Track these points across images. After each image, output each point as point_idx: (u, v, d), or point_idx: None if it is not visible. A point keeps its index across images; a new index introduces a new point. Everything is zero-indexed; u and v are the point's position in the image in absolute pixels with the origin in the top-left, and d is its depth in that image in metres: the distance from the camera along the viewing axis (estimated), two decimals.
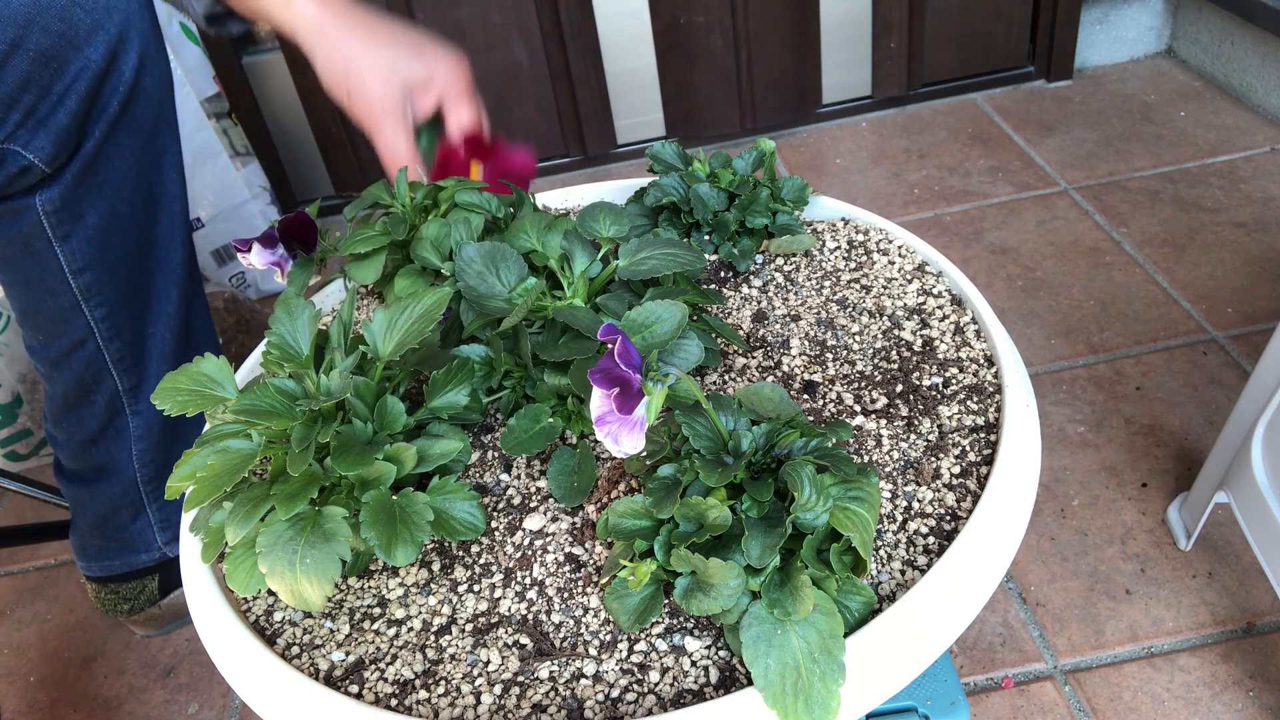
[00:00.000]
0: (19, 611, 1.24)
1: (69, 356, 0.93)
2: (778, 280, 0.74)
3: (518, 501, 0.59)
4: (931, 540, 0.53)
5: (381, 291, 0.73)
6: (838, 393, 0.63)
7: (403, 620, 0.54)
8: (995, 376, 0.62)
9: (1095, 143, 1.77)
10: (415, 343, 0.53)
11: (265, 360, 0.55)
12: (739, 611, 0.46)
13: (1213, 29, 1.87)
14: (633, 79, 1.87)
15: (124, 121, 0.86)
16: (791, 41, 1.85)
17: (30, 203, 0.83)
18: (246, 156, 1.69)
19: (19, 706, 1.12)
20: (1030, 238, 1.57)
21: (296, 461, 0.48)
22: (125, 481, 1.01)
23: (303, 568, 0.47)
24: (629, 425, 0.46)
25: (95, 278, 0.89)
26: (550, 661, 0.50)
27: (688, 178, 0.76)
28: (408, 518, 0.50)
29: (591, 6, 1.77)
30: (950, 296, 0.70)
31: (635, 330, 0.55)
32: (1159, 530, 1.09)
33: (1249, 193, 1.59)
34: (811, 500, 0.46)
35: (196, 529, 0.54)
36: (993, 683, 0.97)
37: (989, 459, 0.57)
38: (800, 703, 0.44)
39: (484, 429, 0.64)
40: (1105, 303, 1.42)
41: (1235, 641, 0.97)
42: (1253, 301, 1.38)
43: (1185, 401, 1.24)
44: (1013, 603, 1.04)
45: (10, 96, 0.75)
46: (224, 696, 1.09)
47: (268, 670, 0.51)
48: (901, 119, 1.94)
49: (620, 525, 0.49)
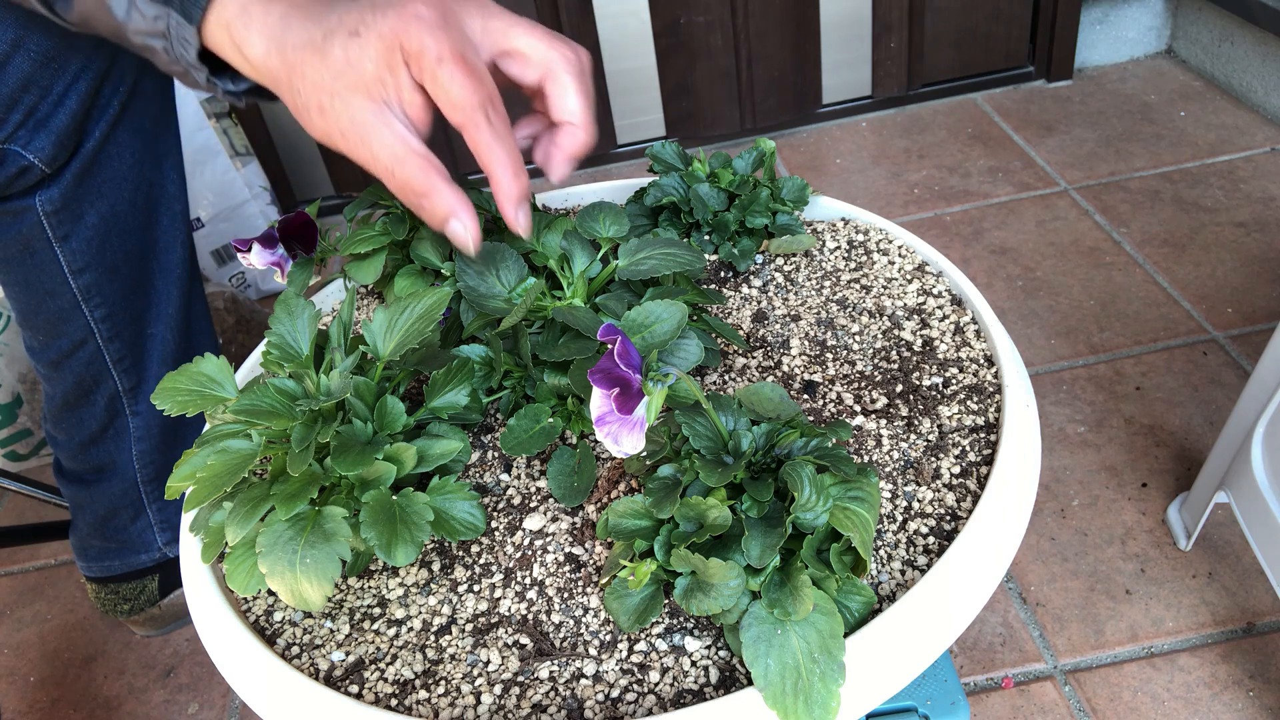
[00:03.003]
0: (19, 611, 1.24)
1: (69, 357, 0.93)
2: (778, 280, 0.74)
3: (518, 501, 0.59)
4: (931, 540, 0.53)
5: (381, 291, 0.73)
6: (838, 393, 0.63)
7: (403, 620, 0.54)
8: (995, 376, 0.62)
9: (1095, 143, 1.77)
10: (415, 343, 0.53)
11: (265, 360, 0.55)
12: (739, 611, 0.46)
13: (1213, 29, 1.87)
14: (633, 79, 1.87)
15: (124, 122, 0.86)
16: (791, 41, 1.85)
17: (30, 203, 0.83)
18: (246, 156, 1.69)
19: (19, 706, 1.12)
20: (1030, 238, 1.57)
21: (296, 461, 0.48)
22: (125, 482, 1.01)
23: (303, 568, 0.47)
24: (629, 425, 0.46)
25: (95, 278, 0.89)
26: (550, 661, 0.50)
27: (688, 178, 0.76)
28: (408, 518, 0.50)
29: (591, 6, 1.77)
30: (950, 296, 0.70)
31: (635, 330, 0.55)
32: (1159, 530, 1.09)
33: (1249, 193, 1.59)
34: (811, 500, 0.46)
35: (196, 529, 0.54)
36: (993, 683, 0.97)
37: (989, 459, 0.57)
38: (800, 703, 0.44)
39: (484, 429, 0.64)
40: (1105, 303, 1.42)
41: (1235, 641, 0.97)
42: (1253, 301, 1.38)
43: (1185, 401, 1.24)
44: (1013, 603, 1.04)
45: (11, 97, 0.75)
46: (224, 696, 1.09)
47: (268, 670, 0.51)
48: (901, 119, 1.94)
49: (620, 525, 0.49)
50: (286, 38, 0.55)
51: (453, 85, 0.53)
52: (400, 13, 0.53)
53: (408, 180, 0.55)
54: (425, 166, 0.55)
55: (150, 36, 0.57)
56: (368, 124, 0.54)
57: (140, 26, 0.57)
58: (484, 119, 0.54)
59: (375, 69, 0.53)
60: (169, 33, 0.56)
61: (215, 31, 0.56)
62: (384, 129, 0.54)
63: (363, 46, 0.53)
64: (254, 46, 0.55)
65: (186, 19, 0.56)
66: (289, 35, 0.55)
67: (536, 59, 0.58)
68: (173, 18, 0.56)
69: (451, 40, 0.53)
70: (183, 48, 0.57)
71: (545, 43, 0.57)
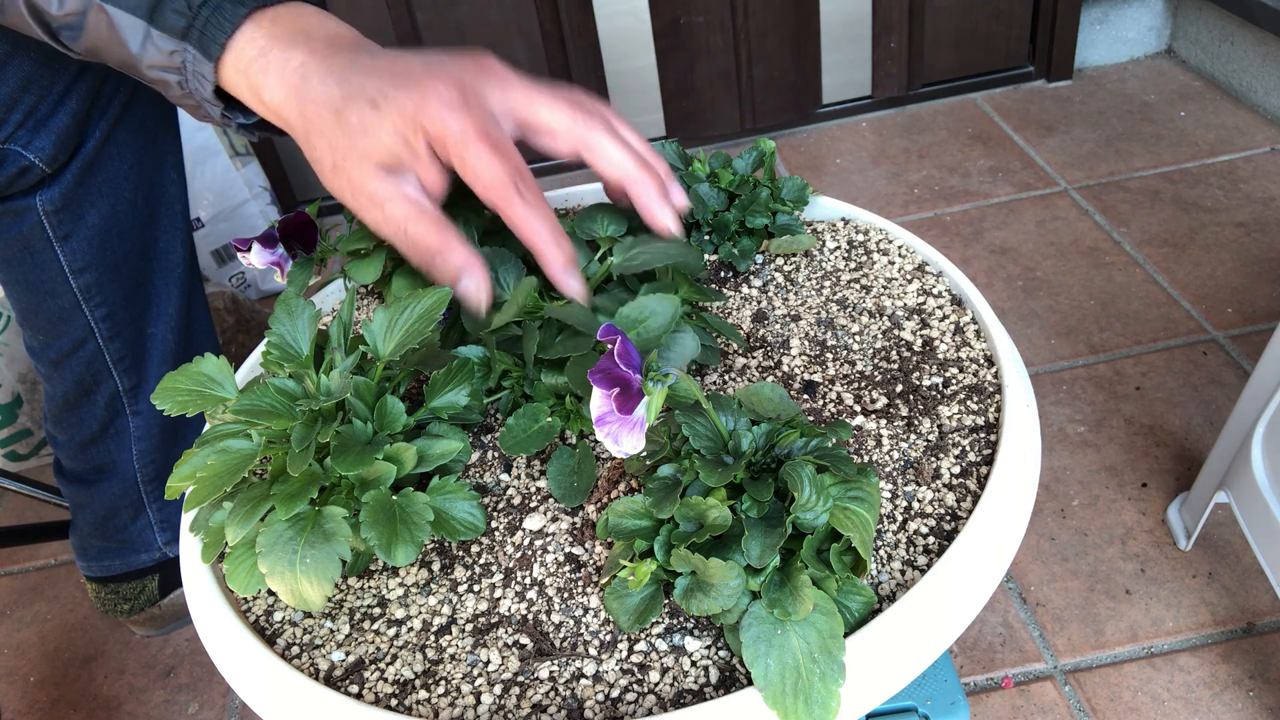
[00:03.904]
0: (19, 611, 1.24)
1: (69, 357, 0.93)
2: (778, 280, 0.74)
3: (518, 501, 0.59)
4: (931, 540, 0.53)
5: (381, 291, 0.73)
6: (838, 393, 0.63)
7: (403, 620, 0.54)
8: (995, 376, 0.62)
9: (1095, 143, 1.77)
10: (415, 343, 0.53)
11: (265, 360, 0.55)
12: (739, 611, 0.46)
13: (1213, 29, 1.87)
14: (633, 79, 1.87)
15: (125, 122, 0.86)
16: (791, 41, 1.85)
17: (30, 203, 0.83)
18: (246, 156, 1.69)
19: (19, 706, 1.12)
20: (1030, 238, 1.57)
21: (296, 461, 0.48)
22: (125, 482, 1.01)
23: (303, 568, 0.47)
24: (629, 425, 0.46)
25: (95, 278, 0.89)
26: (550, 661, 0.50)
27: (688, 177, 0.76)
28: (408, 518, 0.50)
29: (591, 6, 1.77)
30: (950, 296, 0.70)
31: (629, 326, 0.55)
32: (1159, 530, 1.09)
33: (1249, 193, 1.59)
34: (811, 500, 0.46)
35: (196, 529, 0.54)
36: (993, 683, 0.97)
37: (989, 459, 0.57)
38: (800, 703, 0.44)
39: (484, 429, 0.64)
40: (1105, 303, 1.42)
41: (1235, 641, 0.97)
42: (1253, 301, 1.38)
43: (1185, 401, 1.24)
44: (1013, 603, 1.04)
45: (11, 97, 0.76)
46: (224, 696, 1.09)
47: (268, 670, 0.51)
48: (901, 119, 1.94)
49: (620, 525, 0.49)
50: (306, 92, 0.55)
51: (480, 165, 0.53)
52: (422, 92, 0.53)
53: (419, 239, 0.55)
54: (437, 225, 0.55)
55: (165, 71, 0.57)
56: (379, 191, 0.55)
57: (155, 60, 0.56)
58: (516, 195, 0.54)
59: (391, 142, 0.53)
60: (184, 68, 0.56)
61: (232, 74, 0.56)
62: (396, 195, 0.55)
63: (380, 119, 0.53)
64: (272, 92, 0.55)
65: (205, 55, 0.55)
66: (308, 90, 0.55)
67: (563, 132, 0.57)
68: (189, 53, 0.56)
69: (474, 120, 0.53)
70: (198, 83, 0.57)
71: (568, 114, 0.57)
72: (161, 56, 0.56)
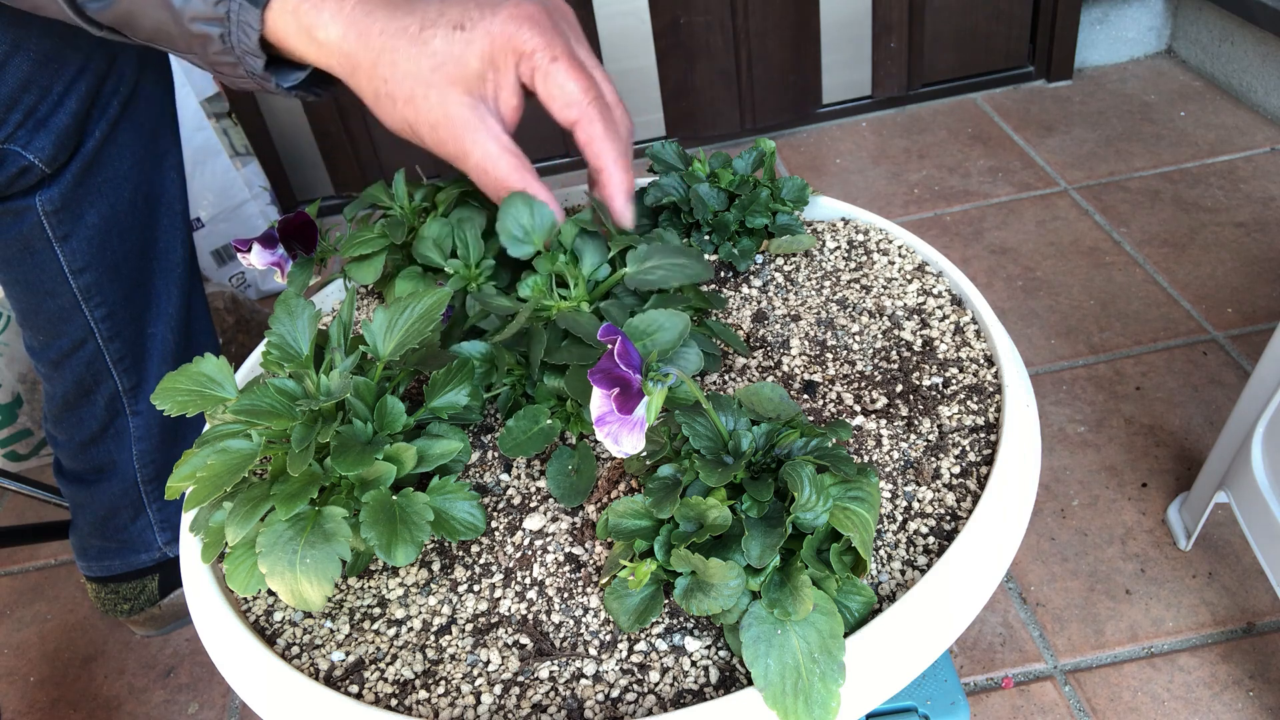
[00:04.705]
0: (19, 611, 1.24)
1: (69, 357, 0.93)
2: (778, 280, 0.74)
3: (518, 501, 0.59)
4: (931, 540, 0.53)
5: (381, 291, 0.73)
6: (838, 393, 0.63)
7: (403, 620, 0.54)
8: (995, 376, 0.62)
9: (1095, 143, 1.77)
10: (415, 343, 0.53)
11: (265, 360, 0.55)
12: (739, 611, 0.46)
13: (1213, 29, 1.87)
14: (633, 79, 1.87)
15: (125, 122, 0.86)
16: (791, 41, 1.85)
17: (30, 203, 0.83)
18: (246, 156, 1.69)
19: (19, 706, 1.12)
20: (1030, 238, 1.57)
21: (296, 461, 0.48)
22: (125, 482, 1.01)
23: (303, 568, 0.47)
24: (629, 425, 0.46)
25: (95, 278, 0.89)
26: (550, 661, 0.50)
27: (688, 177, 0.76)
28: (408, 518, 0.50)
29: (592, 6, 1.77)
30: (950, 296, 0.70)
31: (637, 337, 0.55)
32: (1159, 530, 1.09)
33: (1249, 193, 1.59)
34: (811, 500, 0.46)
35: (196, 529, 0.54)
36: (993, 683, 0.97)
37: (989, 459, 0.57)
38: (800, 703, 0.44)
39: (484, 429, 0.64)
40: (1105, 303, 1.42)
41: (1235, 641, 0.97)
42: (1253, 301, 1.38)
43: (1185, 401, 1.24)
44: (1013, 603, 1.04)
45: (11, 97, 0.75)
46: (224, 696, 1.09)
47: (268, 670, 0.51)
48: (901, 119, 1.94)
49: (620, 525, 0.49)
50: (371, 24, 0.54)
51: (567, 82, 0.55)
52: (513, 12, 0.54)
53: (502, 179, 0.56)
54: (519, 165, 0.56)
55: (208, 23, 0.55)
56: (465, 120, 0.55)
57: (199, 11, 0.55)
58: (597, 114, 0.56)
59: (480, 65, 0.54)
60: (229, 16, 0.55)
61: (280, 17, 0.55)
62: (480, 126, 0.55)
63: (469, 41, 0.53)
64: (327, 30, 0.55)
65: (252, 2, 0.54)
66: (374, 22, 0.54)
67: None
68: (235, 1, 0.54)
69: (564, 41, 0.55)
70: (243, 34, 0.55)
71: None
72: (206, 6, 0.54)
